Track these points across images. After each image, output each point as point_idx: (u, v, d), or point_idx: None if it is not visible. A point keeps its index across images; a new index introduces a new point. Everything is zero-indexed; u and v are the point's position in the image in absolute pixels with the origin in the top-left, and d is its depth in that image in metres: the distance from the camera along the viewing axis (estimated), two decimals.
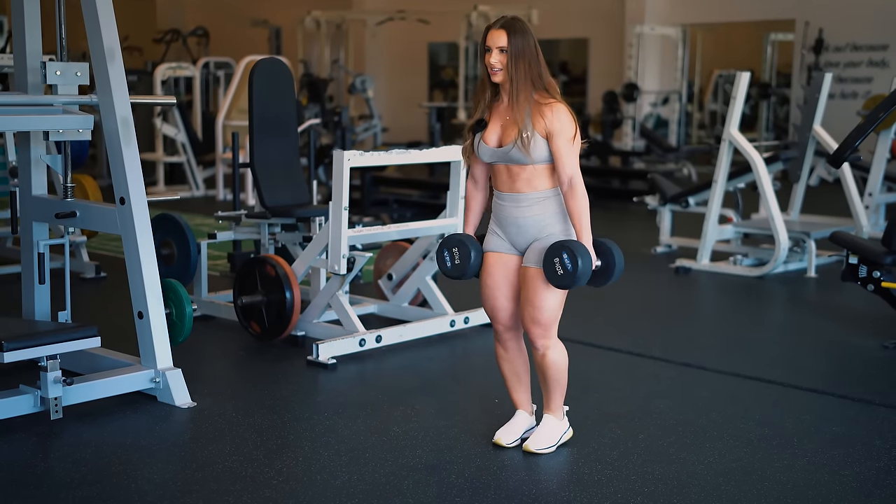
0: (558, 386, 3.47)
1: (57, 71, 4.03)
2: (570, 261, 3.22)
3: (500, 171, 3.37)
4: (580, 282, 3.24)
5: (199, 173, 11.30)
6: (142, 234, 3.98)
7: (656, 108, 15.16)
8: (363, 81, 13.72)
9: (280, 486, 3.20)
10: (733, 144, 6.89)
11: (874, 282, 5.07)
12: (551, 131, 3.25)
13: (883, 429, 3.78)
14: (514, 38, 3.24)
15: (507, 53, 3.25)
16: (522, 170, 3.31)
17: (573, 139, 3.27)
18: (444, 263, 3.51)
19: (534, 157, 3.26)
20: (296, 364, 4.59)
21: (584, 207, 3.29)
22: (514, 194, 3.34)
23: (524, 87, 3.26)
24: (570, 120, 3.27)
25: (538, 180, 3.31)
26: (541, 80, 3.29)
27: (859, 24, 13.22)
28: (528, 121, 3.25)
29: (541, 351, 3.40)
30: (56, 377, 3.66)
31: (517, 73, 3.25)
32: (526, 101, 3.27)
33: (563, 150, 3.25)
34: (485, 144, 3.35)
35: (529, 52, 3.26)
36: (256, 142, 5.26)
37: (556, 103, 3.28)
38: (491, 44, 3.27)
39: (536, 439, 3.48)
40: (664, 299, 6.33)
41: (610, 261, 3.36)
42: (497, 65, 3.27)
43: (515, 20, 3.29)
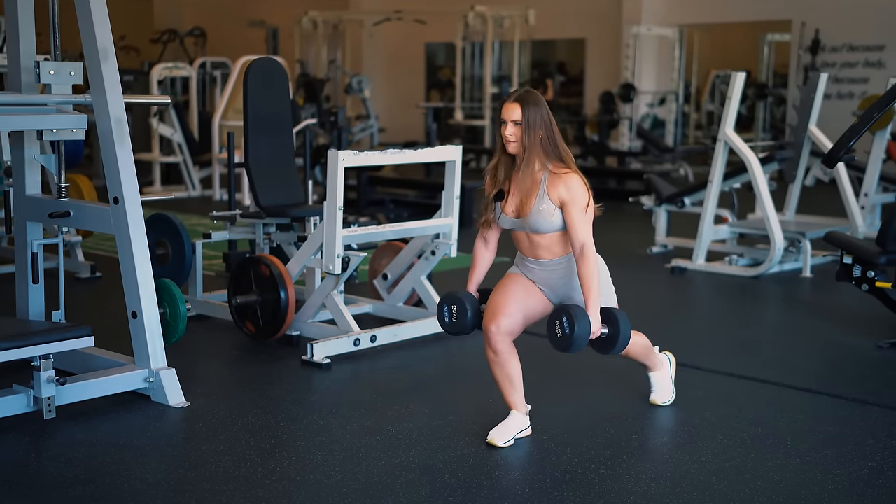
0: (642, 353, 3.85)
1: (51, 70, 4.03)
2: (569, 325, 3.34)
3: (520, 238, 3.54)
4: (577, 345, 3.35)
5: (195, 173, 11.29)
6: (135, 234, 3.98)
7: (653, 108, 15.18)
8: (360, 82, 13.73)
9: (273, 486, 3.20)
10: (729, 145, 6.89)
11: (868, 282, 5.07)
12: (565, 201, 3.39)
13: (876, 428, 3.78)
14: (527, 111, 3.37)
15: (521, 126, 3.37)
16: (542, 237, 3.47)
17: (586, 208, 3.42)
18: (443, 318, 3.64)
19: (550, 226, 3.43)
20: (290, 364, 4.59)
21: (594, 274, 3.40)
22: (538, 260, 3.53)
23: (539, 157, 3.41)
24: (584, 189, 3.42)
25: (557, 247, 3.49)
26: (556, 149, 3.42)
27: (856, 25, 13.24)
28: (544, 191, 3.40)
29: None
30: (49, 377, 3.65)
31: (531, 144, 3.38)
32: (541, 170, 3.42)
33: (575, 219, 3.40)
34: (505, 215, 3.49)
35: (543, 123, 3.39)
36: (251, 142, 5.26)
37: (570, 173, 3.42)
38: (506, 117, 3.40)
39: (658, 394, 3.96)
40: (660, 299, 6.34)
41: (616, 330, 3.45)
42: (512, 137, 3.39)
43: (529, 93, 3.42)
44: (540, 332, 4.88)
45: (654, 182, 7.81)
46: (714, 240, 7.16)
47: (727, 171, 7.13)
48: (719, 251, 7.26)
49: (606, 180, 12.10)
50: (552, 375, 4.41)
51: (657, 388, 3.98)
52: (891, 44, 12.95)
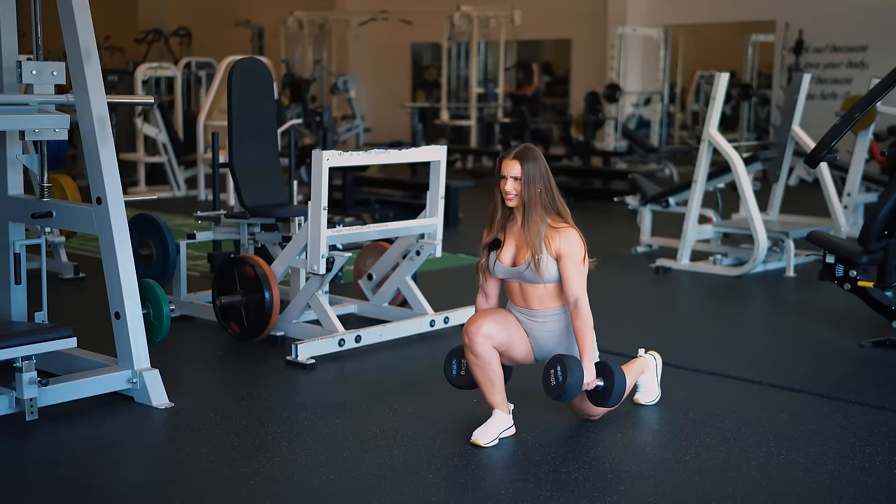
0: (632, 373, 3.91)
1: (33, 70, 4.01)
2: (562, 373, 3.43)
3: (513, 288, 3.61)
4: (569, 394, 3.43)
5: (180, 173, 11.25)
6: (118, 235, 3.97)
7: (638, 108, 15.22)
8: (346, 82, 13.71)
9: (257, 487, 3.20)
10: (712, 145, 6.92)
11: (850, 281, 5.11)
12: (561, 254, 3.49)
13: (858, 427, 3.80)
14: (526, 167, 3.47)
15: (520, 181, 3.47)
16: (535, 288, 3.54)
17: (581, 262, 3.51)
18: (451, 371, 3.69)
19: (545, 278, 3.50)
20: (275, 364, 4.58)
21: (588, 328, 3.48)
22: (528, 310, 3.59)
23: (537, 211, 3.50)
24: (580, 244, 3.52)
25: (549, 299, 3.56)
26: (553, 204, 3.53)
27: (839, 26, 13.31)
28: (541, 244, 3.49)
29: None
30: (31, 378, 3.64)
31: (530, 199, 3.48)
32: (538, 223, 3.50)
33: (570, 273, 3.48)
34: (500, 263, 3.56)
35: (542, 178, 3.49)
36: (235, 142, 5.25)
37: (567, 228, 3.52)
38: (506, 173, 3.49)
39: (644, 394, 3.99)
40: (644, 299, 6.36)
41: (611, 382, 3.52)
42: (511, 192, 3.49)
43: (528, 149, 3.52)
44: None
45: (639, 182, 7.83)
46: (698, 239, 7.19)
47: (711, 171, 7.16)
48: (703, 251, 7.29)
49: (592, 180, 12.12)
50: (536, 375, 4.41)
51: (643, 389, 4.02)
52: (874, 44, 13.03)
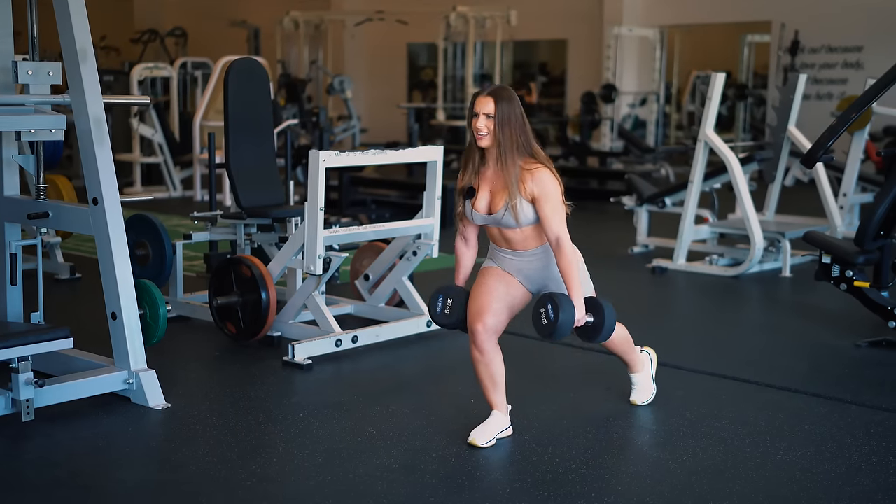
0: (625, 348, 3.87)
1: (29, 70, 4.01)
2: (553, 312, 3.35)
3: (493, 232, 3.54)
4: (561, 332, 3.36)
5: (176, 174, 11.25)
6: (115, 235, 3.96)
7: (634, 108, 15.23)
8: (342, 82, 13.70)
9: (254, 487, 3.19)
10: (709, 145, 6.93)
11: (847, 281, 5.11)
12: (537, 196, 3.39)
13: (854, 427, 3.81)
14: (500, 105, 3.37)
15: (493, 119, 3.37)
16: (514, 232, 3.48)
17: (558, 200, 3.41)
18: (435, 308, 3.60)
19: (522, 222, 3.43)
20: (271, 365, 4.58)
21: (573, 264, 3.41)
22: (512, 251, 3.54)
23: (510, 152, 3.39)
24: (555, 183, 3.41)
25: (531, 240, 3.50)
26: (527, 145, 3.42)
27: (834, 26, 13.34)
28: (515, 187, 3.39)
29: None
30: (28, 379, 3.63)
31: (504, 139, 3.38)
32: (512, 166, 3.40)
33: (548, 213, 3.40)
34: (476, 212, 3.48)
35: (515, 119, 3.39)
36: (232, 142, 5.24)
37: (541, 168, 3.40)
38: (478, 109, 3.40)
39: (638, 394, 3.98)
40: (641, 299, 6.36)
41: (601, 318, 3.48)
42: (483, 129, 3.39)
43: (503, 88, 3.43)
44: (520, 332, 4.91)
45: (636, 182, 7.84)
46: (695, 240, 7.19)
47: (708, 171, 7.16)
48: (700, 251, 7.30)
49: (588, 181, 12.13)
50: (533, 376, 4.42)
51: (638, 388, 4.01)
52: (869, 45, 13.06)
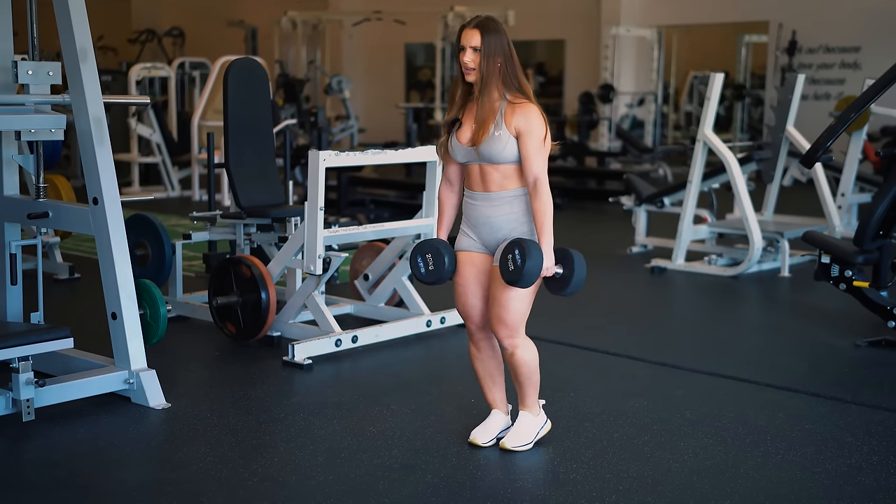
0: (530, 383, 3.47)
1: (28, 70, 4.00)
2: (520, 257, 3.21)
3: (472, 171, 3.39)
4: (528, 278, 3.23)
5: (174, 174, 11.24)
6: (115, 235, 3.96)
7: (632, 109, 15.24)
8: (340, 82, 13.70)
9: (255, 487, 3.19)
10: (707, 145, 6.93)
11: (846, 281, 5.12)
12: (521, 131, 3.27)
13: (854, 427, 3.81)
14: (487, 38, 3.27)
15: (480, 52, 3.27)
16: (495, 169, 3.33)
17: (543, 140, 3.30)
18: (418, 269, 3.48)
19: (505, 156, 3.29)
20: (271, 365, 4.58)
21: (547, 209, 3.28)
22: (486, 193, 3.36)
23: (497, 86, 3.29)
24: (541, 121, 3.30)
25: (509, 180, 3.34)
26: (515, 80, 3.31)
27: (832, 27, 13.35)
28: (501, 119, 3.28)
29: (509, 350, 3.40)
30: (28, 379, 3.63)
31: (490, 72, 3.27)
32: (499, 100, 3.30)
33: (531, 151, 3.28)
34: (458, 142, 3.37)
35: (503, 52, 3.28)
36: (231, 142, 5.24)
37: (528, 104, 3.30)
38: (465, 43, 3.29)
39: (513, 436, 3.49)
40: (640, 299, 6.36)
41: (570, 270, 3.34)
42: (470, 63, 3.29)
43: (490, 20, 3.31)
44: None
45: (634, 182, 7.84)
46: (693, 240, 7.20)
47: (706, 171, 7.17)
48: (699, 251, 7.30)
49: (586, 180, 12.13)
50: None
51: (517, 428, 3.49)
52: (866, 45, 13.07)
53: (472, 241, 3.44)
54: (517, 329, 3.37)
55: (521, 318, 3.37)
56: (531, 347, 3.43)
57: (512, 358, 3.41)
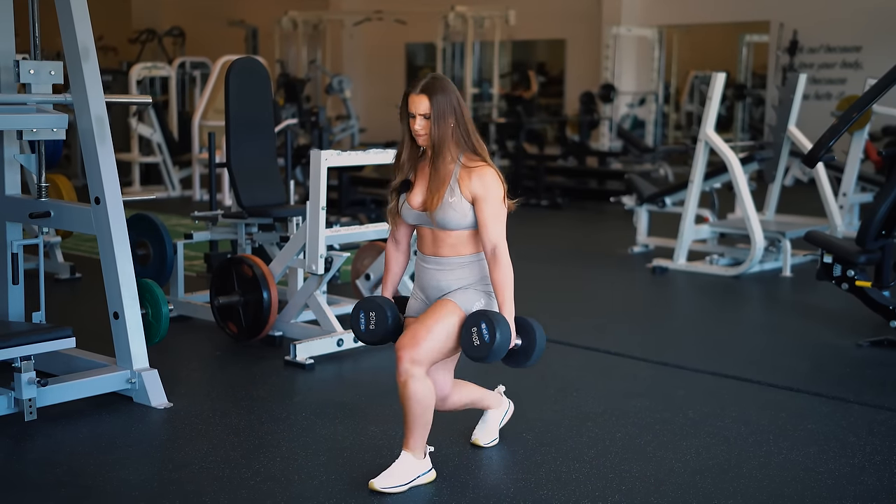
0: (419, 423, 3.15)
1: (30, 70, 4.00)
2: (489, 332, 3.05)
3: (424, 234, 3.22)
4: (495, 356, 3.07)
5: (175, 174, 11.24)
6: (117, 234, 3.95)
7: (633, 108, 15.24)
8: (340, 82, 13.69)
9: (257, 487, 3.19)
10: (709, 145, 6.93)
11: (848, 281, 5.11)
12: (477, 196, 3.09)
13: (857, 426, 3.81)
14: (436, 100, 3.08)
15: (430, 118, 3.09)
16: (448, 235, 3.15)
17: (501, 204, 3.12)
18: (358, 326, 3.29)
19: (460, 224, 3.12)
20: (273, 364, 4.57)
21: (508, 278, 3.10)
22: (438, 258, 3.19)
23: (450, 148, 3.12)
24: (498, 183, 3.12)
25: (463, 246, 3.17)
26: (468, 140, 3.13)
27: (833, 26, 13.35)
28: (456, 185, 3.11)
29: (402, 377, 3.10)
30: (30, 378, 3.63)
31: (442, 136, 3.09)
32: (452, 162, 3.13)
33: (488, 217, 3.09)
34: (409, 207, 3.20)
35: (454, 112, 3.10)
36: (233, 142, 5.24)
37: (484, 167, 3.12)
38: (413, 110, 3.11)
39: (385, 476, 3.16)
40: (641, 299, 6.36)
41: (531, 341, 3.18)
42: (421, 130, 3.11)
43: (436, 80, 3.12)
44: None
45: (635, 182, 7.84)
46: (695, 239, 7.19)
47: (708, 171, 7.17)
48: (700, 251, 7.30)
49: (587, 180, 12.13)
50: (535, 375, 4.41)
51: (393, 468, 3.19)
52: (868, 45, 13.07)
53: (424, 305, 3.26)
54: (424, 357, 3.10)
55: (434, 355, 3.13)
56: (429, 386, 3.13)
57: (404, 387, 3.11)
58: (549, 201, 10.27)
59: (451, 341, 3.14)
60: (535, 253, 7.66)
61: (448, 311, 3.15)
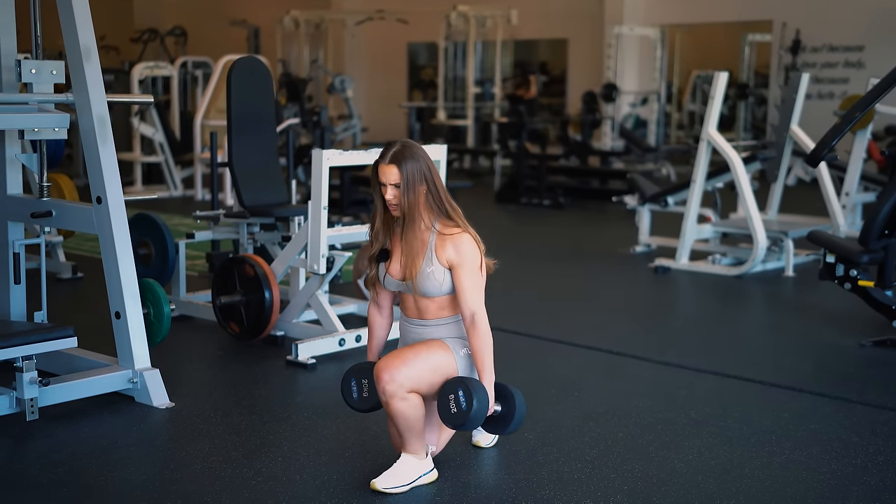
0: (412, 433, 3.16)
1: (32, 69, 4.00)
2: (465, 399, 3.04)
3: (407, 299, 3.26)
4: (472, 423, 3.07)
5: (176, 173, 11.24)
6: (119, 234, 3.95)
7: (635, 108, 15.23)
8: (342, 81, 13.69)
9: (259, 487, 3.19)
10: (711, 144, 6.92)
11: (851, 280, 5.11)
12: (454, 264, 3.12)
13: (860, 427, 3.80)
14: (405, 168, 3.08)
15: (400, 187, 3.09)
16: (430, 301, 3.19)
17: (477, 270, 3.14)
18: (350, 395, 3.27)
19: (439, 290, 3.15)
20: (275, 364, 4.57)
21: (487, 345, 3.11)
22: (423, 320, 3.23)
23: (423, 215, 3.14)
24: (474, 250, 3.14)
25: (445, 309, 3.21)
26: (441, 205, 3.14)
27: (836, 26, 13.34)
28: (432, 253, 3.13)
29: (384, 398, 3.09)
30: (32, 378, 3.62)
31: (414, 205, 3.10)
32: (427, 229, 3.15)
33: (465, 284, 3.11)
34: (390, 277, 3.22)
35: (424, 178, 3.10)
36: (235, 141, 5.24)
37: (460, 233, 3.13)
38: (384, 180, 3.11)
39: (387, 476, 3.16)
40: (643, 299, 6.35)
41: (511, 407, 3.18)
42: (395, 201, 3.11)
43: (404, 148, 3.11)
44: (524, 332, 4.90)
45: (638, 181, 7.84)
46: (697, 239, 7.19)
47: (710, 170, 7.16)
48: (702, 250, 7.29)
49: (589, 180, 12.12)
50: (537, 376, 4.41)
51: (394, 469, 3.19)
52: (870, 44, 13.06)
53: None
54: (403, 385, 3.08)
55: (413, 383, 3.10)
56: (412, 402, 3.10)
57: (387, 407, 3.11)
58: (552, 201, 10.26)
59: (436, 374, 3.13)
60: (536, 252, 7.66)
61: (437, 344, 3.18)
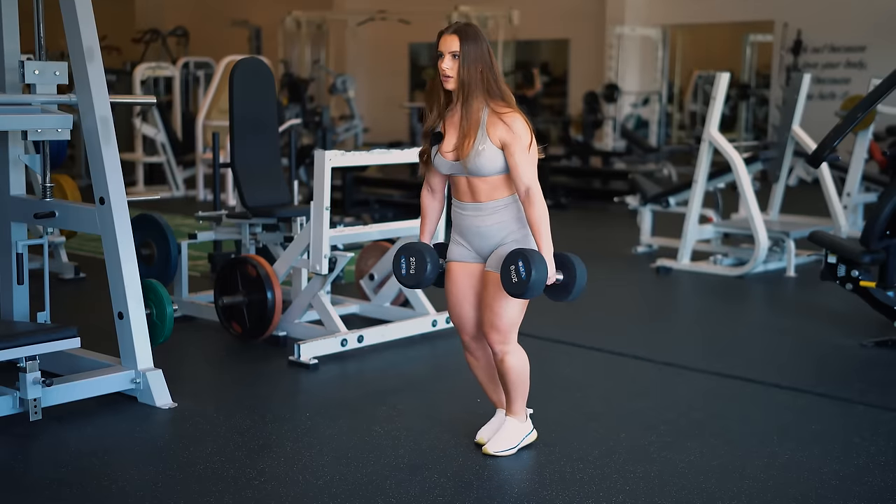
0: (519, 390, 3.41)
1: (35, 70, 4.00)
2: (525, 269, 3.14)
3: (459, 182, 3.31)
4: (534, 291, 3.17)
5: (178, 174, 11.25)
6: (122, 235, 3.96)
7: (637, 108, 15.23)
8: (344, 82, 13.70)
9: (262, 487, 3.19)
10: (713, 145, 6.92)
11: (852, 281, 5.11)
12: (506, 142, 3.18)
13: (862, 427, 3.81)
14: (466, 44, 3.17)
15: (459, 59, 3.17)
16: (482, 181, 3.25)
17: (529, 148, 3.21)
18: (399, 270, 3.43)
19: (492, 170, 3.22)
20: (277, 364, 4.58)
21: (544, 217, 3.20)
22: (475, 203, 3.29)
23: (478, 95, 3.20)
24: (526, 129, 3.21)
25: (498, 190, 3.26)
26: (496, 88, 3.22)
27: (837, 26, 13.33)
28: (484, 132, 3.19)
29: (499, 356, 3.35)
30: (35, 378, 3.63)
31: (471, 80, 3.18)
32: (480, 109, 3.21)
33: (519, 161, 3.18)
34: (442, 157, 3.28)
35: (483, 59, 3.18)
36: (237, 142, 5.25)
37: (512, 112, 3.21)
38: (443, 49, 3.20)
39: (497, 441, 3.44)
40: (645, 299, 6.36)
41: (572, 276, 3.26)
42: (449, 70, 3.19)
43: (469, 26, 3.23)
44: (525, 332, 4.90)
45: (639, 182, 7.84)
46: (699, 239, 7.19)
47: (711, 171, 7.16)
48: (704, 251, 7.30)
49: (591, 180, 12.13)
50: (539, 376, 4.41)
51: (502, 433, 3.45)
52: (872, 44, 13.05)
53: (465, 250, 3.37)
54: (508, 335, 3.33)
55: (514, 325, 3.33)
56: (521, 354, 3.38)
57: (502, 364, 3.36)
58: (553, 201, 10.25)
59: (519, 306, 3.31)
60: None
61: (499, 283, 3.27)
